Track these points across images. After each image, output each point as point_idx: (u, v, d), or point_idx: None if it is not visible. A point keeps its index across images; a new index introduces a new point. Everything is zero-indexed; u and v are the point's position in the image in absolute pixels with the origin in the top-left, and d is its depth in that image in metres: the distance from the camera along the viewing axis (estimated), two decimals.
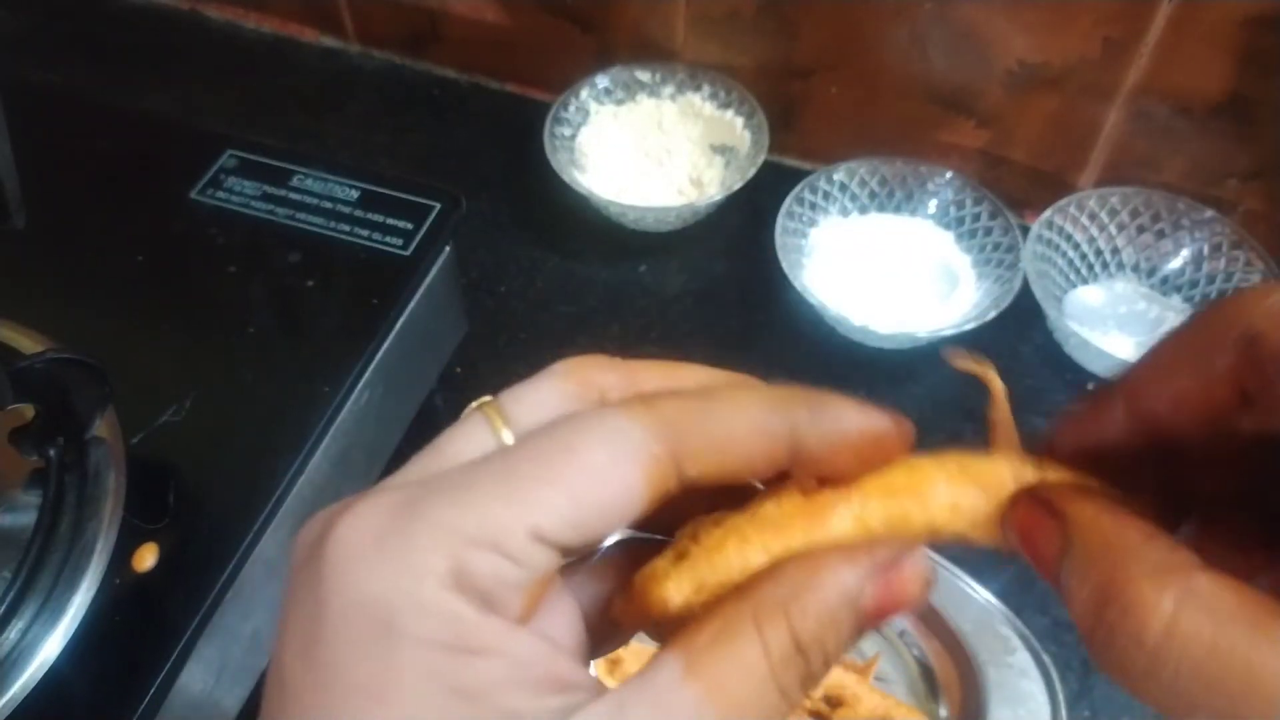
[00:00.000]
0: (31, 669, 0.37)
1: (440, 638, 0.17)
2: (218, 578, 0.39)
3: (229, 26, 0.83)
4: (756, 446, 0.20)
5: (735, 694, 0.18)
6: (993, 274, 0.60)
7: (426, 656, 0.17)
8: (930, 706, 0.46)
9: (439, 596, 0.17)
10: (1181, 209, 0.60)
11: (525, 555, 0.18)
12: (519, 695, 0.17)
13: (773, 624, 0.18)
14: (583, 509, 0.18)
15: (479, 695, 0.17)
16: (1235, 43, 0.55)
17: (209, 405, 0.44)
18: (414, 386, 0.54)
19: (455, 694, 0.17)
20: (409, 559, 0.17)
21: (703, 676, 0.18)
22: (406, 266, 0.50)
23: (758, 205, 0.65)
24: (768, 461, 0.20)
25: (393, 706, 0.17)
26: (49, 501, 0.39)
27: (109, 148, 0.56)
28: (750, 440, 0.19)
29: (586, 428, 0.19)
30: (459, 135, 0.74)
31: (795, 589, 0.19)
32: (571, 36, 0.71)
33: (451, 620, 0.17)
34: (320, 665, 0.17)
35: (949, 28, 0.60)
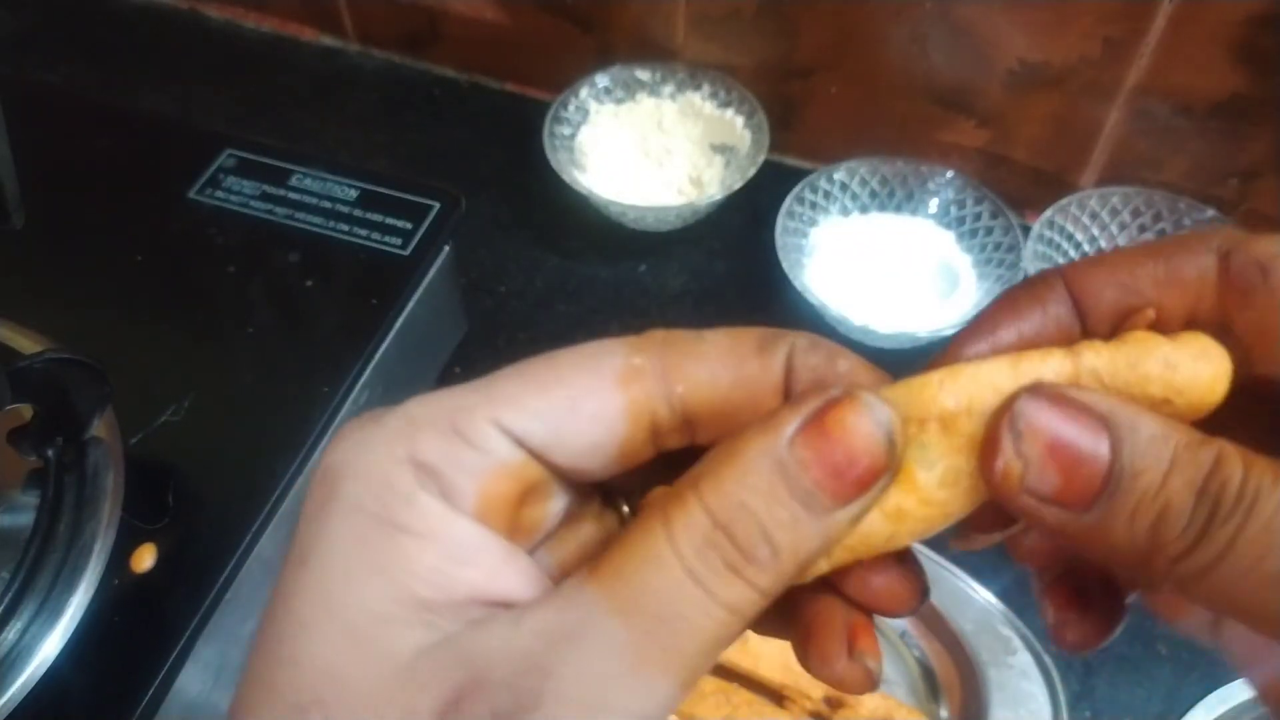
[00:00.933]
0: (30, 669, 0.37)
1: (371, 507, 0.16)
2: (216, 578, 0.39)
3: (228, 26, 0.83)
4: (748, 369, 0.18)
5: (635, 584, 0.16)
6: (993, 274, 0.60)
7: (354, 522, 0.16)
8: (931, 707, 0.46)
9: (383, 467, 0.17)
10: (1182, 208, 0.60)
11: (480, 438, 0.17)
12: (435, 589, 0.16)
13: (679, 506, 0.16)
14: (551, 406, 0.17)
15: (393, 574, 0.16)
16: (1235, 43, 0.55)
17: (208, 405, 0.44)
18: (413, 386, 0.54)
19: (370, 565, 0.16)
20: (371, 437, 0.17)
21: (601, 575, 0.16)
22: (406, 266, 0.50)
23: (758, 205, 0.65)
24: (765, 387, 0.18)
25: (311, 569, 0.16)
26: (48, 502, 0.39)
27: (108, 147, 0.56)
28: (743, 361, 0.18)
29: (578, 347, 0.19)
30: (459, 135, 0.74)
31: (708, 466, 0.17)
32: (571, 36, 0.71)
33: (385, 490, 0.16)
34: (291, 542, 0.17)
35: (949, 27, 0.60)
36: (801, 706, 0.45)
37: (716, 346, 0.19)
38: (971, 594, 0.47)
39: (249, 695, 0.17)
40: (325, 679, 0.16)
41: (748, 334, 0.19)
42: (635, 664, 0.16)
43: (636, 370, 0.18)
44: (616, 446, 0.18)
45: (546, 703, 0.15)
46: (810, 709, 0.45)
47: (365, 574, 0.16)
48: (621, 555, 0.16)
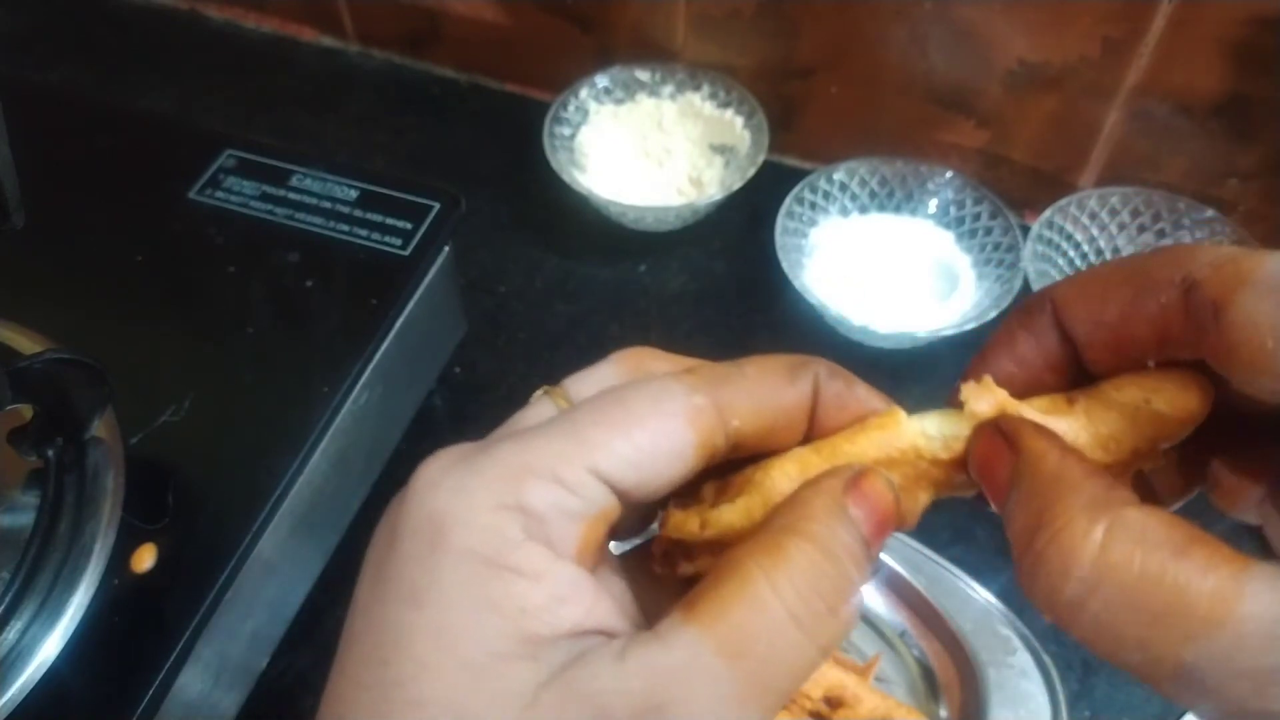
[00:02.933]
0: (30, 670, 0.37)
1: (483, 551, 0.18)
2: (217, 578, 0.39)
3: (228, 26, 0.83)
4: (786, 398, 0.21)
5: (739, 626, 0.18)
6: (993, 274, 0.60)
7: (467, 567, 0.18)
8: (930, 707, 0.46)
9: (490, 516, 0.18)
10: (1182, 209, 0.60)
11: (582, 487, 0.19)
12: (543, 624, 0.18)
13: (777, 553, 0.19)
14: (637, 450, 0.19)
15: (507, 611, 0.18)
16: (1235, 43, 0.55)
17: (208, 405, 0.44)
18: (413, 386, 0.54)
19: (485, 604, 0.18)
20: (470, 483, 0.19)
21: (701, 616, 0.18)
22: (405, 266, 0.50)
23: (758, 205, 0.65)
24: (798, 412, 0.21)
25: (426, 609, 0.18)
26: (48, 502, 0.39)
27: (108, 147, 0.56)
28: (779, 391, 0.21)
29: (637, 386, 0.20)
30: (458, 135, 0.74)
31: (789, 520, 0.19)
32: (571, 36, 0.71)
33: (496, 536, 0.18)
34: (381, 580, 0.19)
35: (949, 28, 0.60)
36: (801, 706, 0.45)
37: (754, 379, 0.21)
38: (971, 594, 0.47)
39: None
40: (454, 716, 0.17)
41: (777, 362, 0.22)
42: (741, 702, 0.17)
43: (699, 409, 0.20)
44: (683, 477, 0.20)
45: None
46: (810, 709, 0.45)
47: (481, 613, 0.18)
48: (720, 596, 0.18)
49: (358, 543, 0.52)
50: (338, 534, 0.49)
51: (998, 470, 0.20)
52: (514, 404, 0.22)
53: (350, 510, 0.50)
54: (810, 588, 0.18)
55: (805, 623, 0.18)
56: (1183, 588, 0.16)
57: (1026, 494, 0.19)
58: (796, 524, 0.19)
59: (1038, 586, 0.18)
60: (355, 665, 0.19)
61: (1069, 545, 0.18)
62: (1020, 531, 0.19)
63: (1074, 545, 0.18)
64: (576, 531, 0.19)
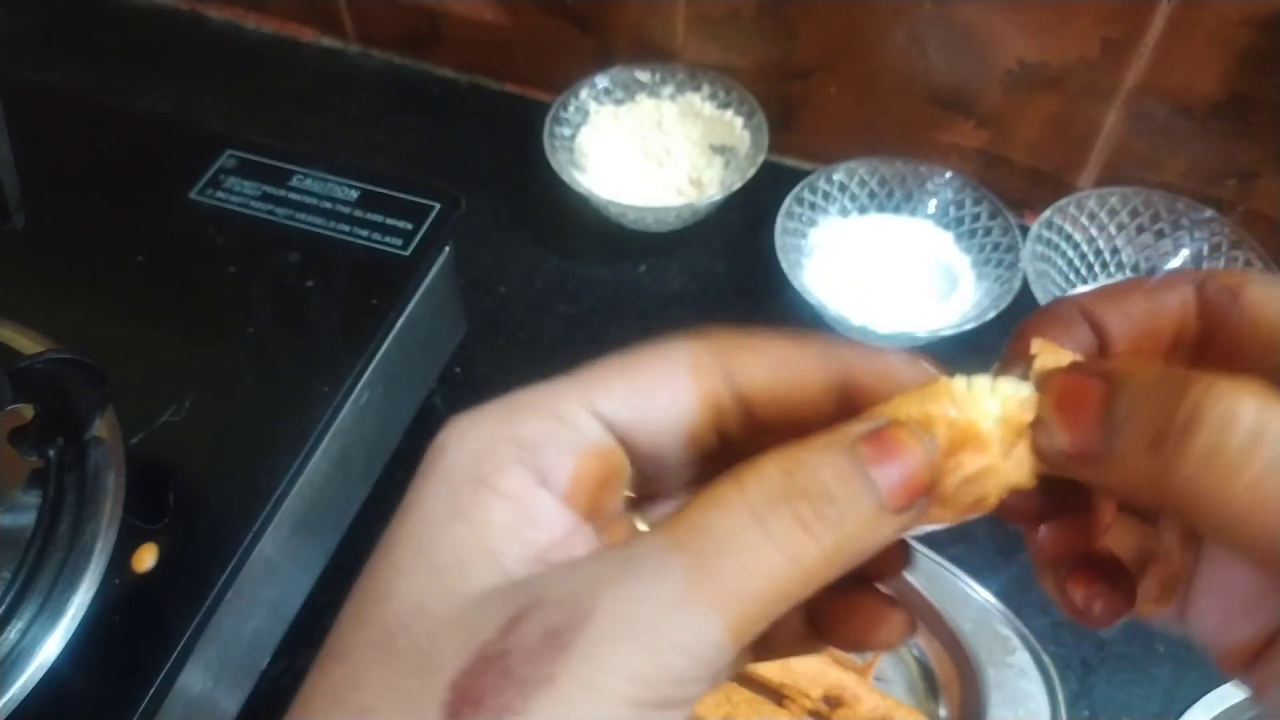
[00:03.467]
0: (31, 670, 0.37)
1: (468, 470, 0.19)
2: (217, 578, 0.39)
3: (229, 26, 0.83)
4: (801, 364, 0.21)
5: (696, 522, 0.17)
6: (992, 274, 0.60)
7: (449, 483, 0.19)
8: (930, 706, 0.46)
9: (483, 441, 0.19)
10: (1181, 209, 0.60)
11: (575, 420, 0.19)
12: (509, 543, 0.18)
13: (751, 467, 0.18)
14: (634, 390, 0.20)
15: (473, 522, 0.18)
16: (1235, 43, 0.55)
17: (208, 405, 0.44)
18: (413, 386, 0.54)
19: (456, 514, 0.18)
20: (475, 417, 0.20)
21: (664, 523, 0.18)
22: (406, 266, 0.50)
23: (757, 205, 0.65)
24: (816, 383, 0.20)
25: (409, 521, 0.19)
26: (48, 502, 0.39)
27: (108, 148, 0.56)
28: (794, 356, 0.21)
29: (644, 347, 0.21)
30: (459, 135, 0.74)
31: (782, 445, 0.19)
32: (571, 36, 0.71)
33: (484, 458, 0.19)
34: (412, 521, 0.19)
35: (949, 28, 0.60)
36: (801, 706, 0.45)
37: (774, 347, 0.21)
38: (970, 593, 0.47)
39: (344, 630, 0.19)
40: (412, 610, 0.18)
41: (799, 335, 0.21)
42: (684, 592, 0.16)
43: (701, 359, 0.20)
44: (687, 431, 0.20)
45: (595, 620, 0.16)
46: (809, 708, 0.45)
47: (452, 521, 0.18)
48: (687, 505, 0.18)
49: (358, 543, 0.52)
50: (338, 534, 0.49)
51: (1088, 399, 0.19)
52: None
53: (351, 510, 0.50)
54: (779, 493, 0.17)
55: (769, 525, 0.17)
56: None
57: (1146, 388, 0.18)
58: (786, 449, 0.18)
59: (1193, 453, 0.17)
60: (354, 583, 0.19)
61: (1229, 399, 0.17)
62: (1149, 418, 0.18)
63: (1233, 399, 0.17)
64: (569, 465, 0.19)
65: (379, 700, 0.17)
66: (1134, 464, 0.18)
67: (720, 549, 0.17)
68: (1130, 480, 0.18)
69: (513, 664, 0.16)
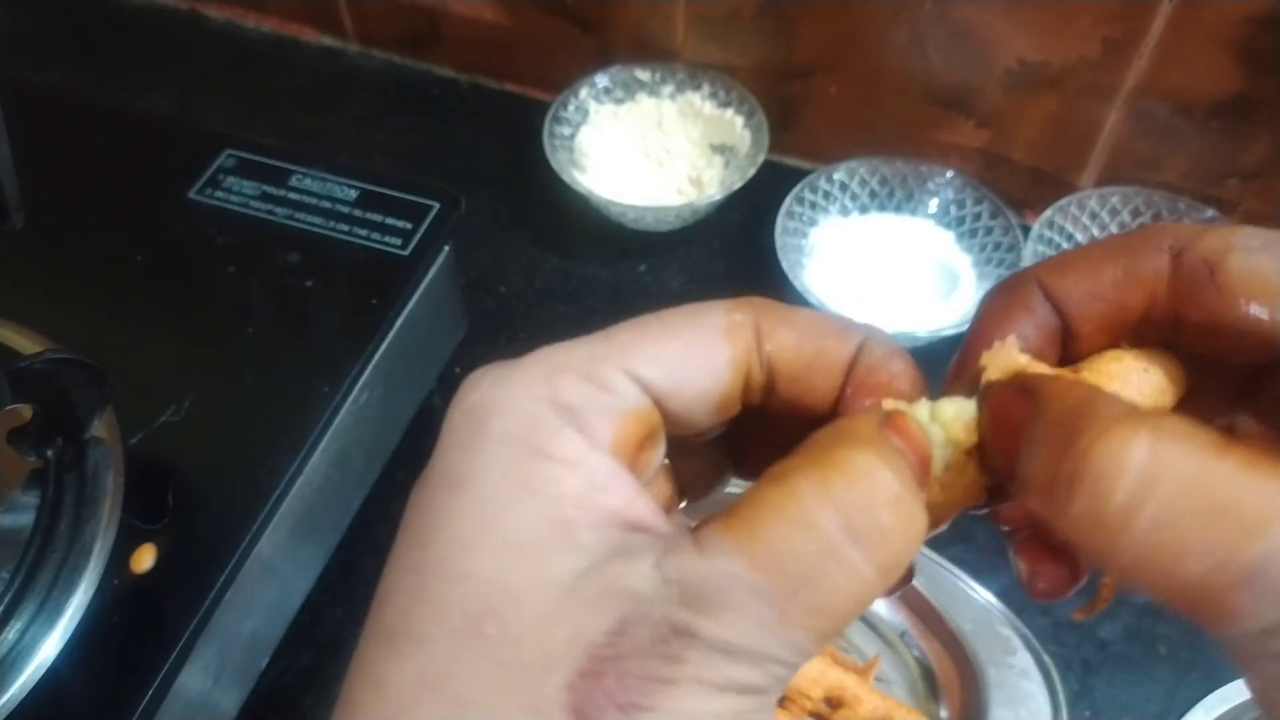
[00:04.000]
0: (30, 670, 0.37)
1: (521, 436, 0.18)
2: (216, 578, 0.39)
3: (229, 26, 0.83)
4: (827, 342, 0.21)
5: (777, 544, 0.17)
6: (993, 274, 0.60)
7: (506, 451, 0.18)
8: (930, 707, 0.46)
9: (528, 405, 0.19)
10: (1182, 209, 0.60)
11: (614, 384, 0.19)
12: (581, 510, 0.18)
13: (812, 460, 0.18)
14: (668, 353, 0.20)
15: (545, 496, 0.18)
16: (1235, 43, 0.55)
17: (208, 405, 0.44)
18: (413, 386, 0.54)
19: (523, 488, 0.18)
20: (510, 376, 0.20)
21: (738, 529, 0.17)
22: (405, 266, 0.50)
23: (758, 205, 0.65)
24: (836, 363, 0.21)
25: (466, 492, 0.18)
26: (47, 502, 0.39)
27: (108, 148, 0.56)
28: (822, 333, 0.21)
29: (676, 308, 0.21)
30: (458, 135, 0.74)
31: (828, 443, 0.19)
32: (571, 36, 0.71)
33: (534, 422, 0.18)
34: (427, 473, 0.19)
35: (949, 28, 0.60)
36: (801, 706, 0.45)
37: (805, 319, 0.21)
38: (971, 594, 0.47)
39: (410, 609, 0.18)
40: (497, 592, 0.17)
41: (832, 316, 0.22)
42: (781, 621, 0.17)
43: (737, 324, 0.20)
44: (719, 395, 0.20)
45: (700, 642, 0.17)
46: (810, 709, 0.45)
47: (521, 496, 0.18)
48: (757, 511, 0.17)
49: (358, 543, 0.52)
50: (338, 534, 0.49)
51: (1012, 419, 0.19)
52: None
53: (350, 510, 0.50)
54: (862, 500, 0.17)
55: (844, 556, 0.17)
56: (1240, 483, 0.16)
57: (1051, 423, 0.18)
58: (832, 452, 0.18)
59: (1074, 508, 0.16)
60: (398, 553, 0.19)
61: (1113, 451, 0.16)
62: (1046, 460, 0.17)
63: (1119, 450, 0.16)
64: (610, 426, 0.19)
65: (484, 694, 0.17)
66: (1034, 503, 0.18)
67: (803, 576, 0.17)
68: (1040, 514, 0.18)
69: (628, 673, 0.16)
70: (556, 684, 0.16)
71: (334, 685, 0.55)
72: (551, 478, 0.18)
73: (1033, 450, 0.18)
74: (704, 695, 0.16)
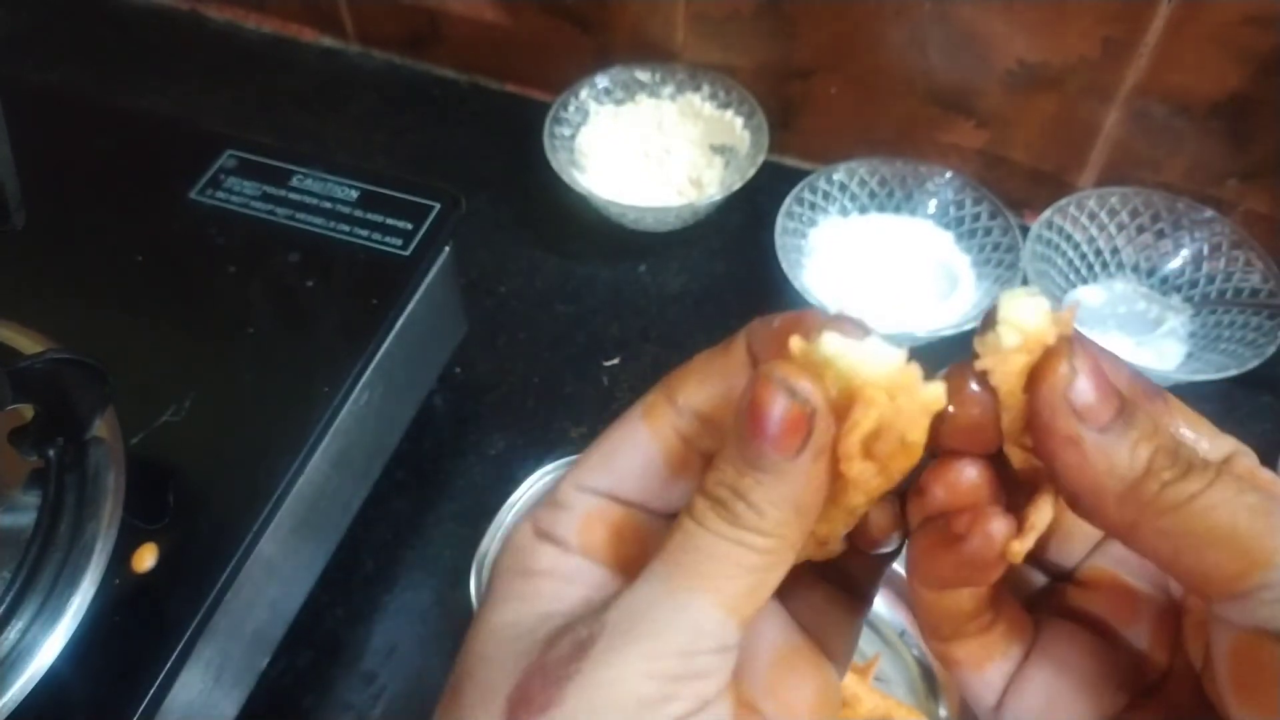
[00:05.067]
0: (31, 670, 0.37)
1: (514, 565, 0.23)
2: (217, 578, 0.39)
3: (229, 26, 0.83)
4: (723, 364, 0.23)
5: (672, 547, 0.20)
6: (992, 274, 0.60)
7: (505, 579, 0.23)
8: (930, 706, 0.46)
9: (518, 540, 0.23)
10: (1181, 209, 0.60)
11: (569, 501, 0.23)
12: (558, 601, 0.22)
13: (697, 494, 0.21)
14: (602, 455, 0.23)
15: (527, 597, 0.22)
16: (1235, 43, 0.55)
17: (209, 405, 0.44)
18: (414, 386, 0.54)
19: (514, 598, 0.22)
20: (515, 528, 0.24)
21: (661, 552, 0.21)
22: (406, 266, 0.50)
23: (758, 205, 0.65)
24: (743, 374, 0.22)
25: (482, 617, 0.22)
26: (48, 502, 0.39)
27: (109, 148, 0.56)
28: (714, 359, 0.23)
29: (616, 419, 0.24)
30: (459, 135, 0.74)
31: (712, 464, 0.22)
32: (571, 36, 0.71)
33: (521, 551, 0.23)
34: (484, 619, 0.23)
35: (949, 28, 0.60)
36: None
37: (696, 358, 0.23)
38: None
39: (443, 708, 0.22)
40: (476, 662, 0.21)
41: (731, 342, 0.23)
42: (671, 588, 0.20)
43: (650, 403, 0.23)
44: (660, 461, 0.23)
45: (608, 623, 0.20)
46: None
47: (511, 603, 0.22)
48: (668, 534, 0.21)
49: (358, 543, 0.52)
50: (338, 534, 0.49)
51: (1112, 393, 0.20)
52: (514, 404, 0.23)
53: (351, 510, 0.50)
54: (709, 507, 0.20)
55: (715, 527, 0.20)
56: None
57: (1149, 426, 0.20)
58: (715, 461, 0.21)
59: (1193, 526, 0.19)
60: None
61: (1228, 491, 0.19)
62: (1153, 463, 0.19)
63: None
64: (574, 534, 0.23)
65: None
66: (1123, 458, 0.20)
67: (687, 552, 0.20)
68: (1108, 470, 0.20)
69: (549, 669, 0.19)
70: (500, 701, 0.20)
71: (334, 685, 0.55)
72: (531, 586, 0.22)
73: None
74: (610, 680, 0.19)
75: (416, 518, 0.54)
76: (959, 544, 0.21)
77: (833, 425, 0.20)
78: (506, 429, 0.57)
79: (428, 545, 0.53)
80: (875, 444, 0.20)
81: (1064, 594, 0.25)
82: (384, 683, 0.49)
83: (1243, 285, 0.58)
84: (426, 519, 0.54)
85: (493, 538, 0.50)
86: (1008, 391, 0.20)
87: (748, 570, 0.20)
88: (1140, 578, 0.24)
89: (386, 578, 0.53)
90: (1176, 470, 0.19)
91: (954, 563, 0.21)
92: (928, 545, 0.22)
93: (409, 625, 0.51)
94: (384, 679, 0.49)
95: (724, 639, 0.20)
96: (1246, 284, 0.58)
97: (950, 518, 0.21)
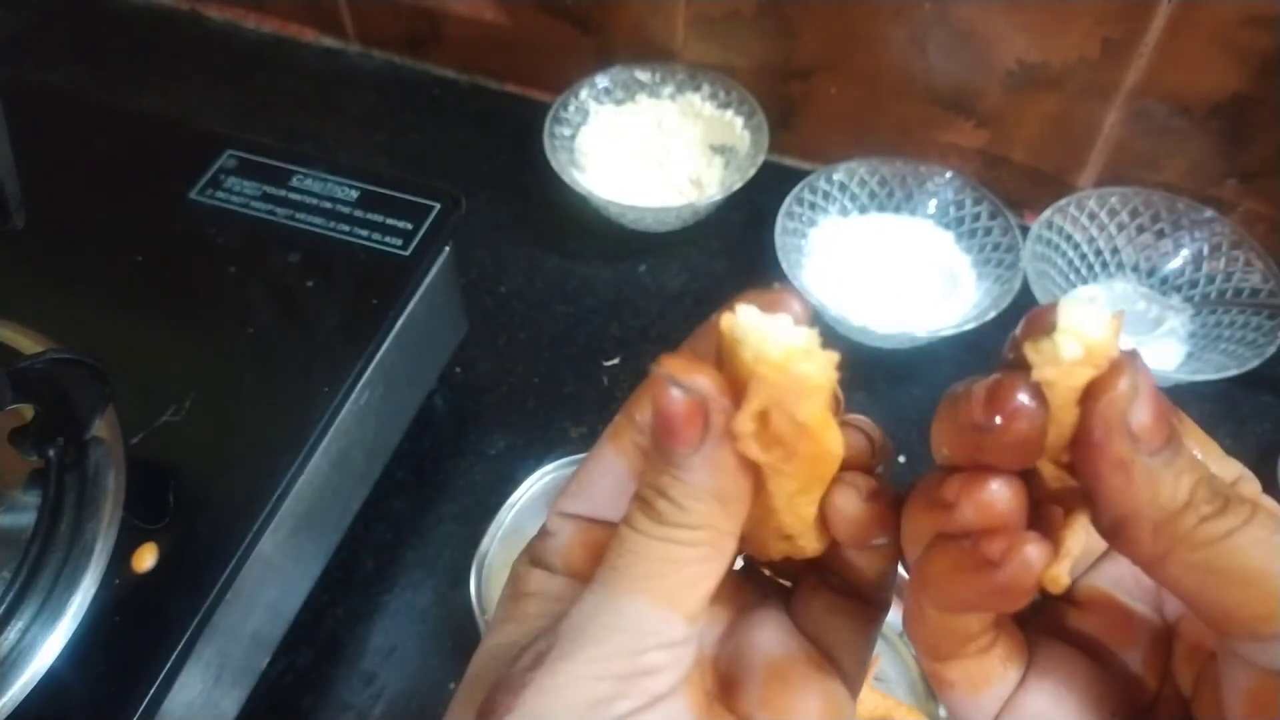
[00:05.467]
0: (31, 670, 0.37)
1: (509, 592, 0.24)
2: (217, 578, 0.39)
3: (229, 26, 0.83)
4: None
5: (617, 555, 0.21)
6: (992, 274, 0.60)
7: (503, 604, 0.24)
8: (930, 706, 0.46)
9: (517, 569, 0.25)
10: (1181, 209, 0.60)
11: (555, 527, 0.25)
12: (545, 619, 0.23)
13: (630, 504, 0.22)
14: (578, 482, 0.25)
15: (519, 619, 0.23)
16: (1235, 43, 0.55)
17: (209, 405, 0.44)
18: (414, 386, 0.54)
19: (507, 620, 0.23)
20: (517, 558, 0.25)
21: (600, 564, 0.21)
22: (406, 266, 0.50)
23: (758, 205, 0.65)
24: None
25: (487, 636, 0.24)
26: (48, 502, 0.39)
27: (109, 148, 0.56)
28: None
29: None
30: (459, 135, 0.74)
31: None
32: (571, 36, 0.71)
33: (515, 579, 0.25)
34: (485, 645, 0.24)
35: (949, 28, 0.60)
36: None
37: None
38: None
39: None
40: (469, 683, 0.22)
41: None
42: (612, 593, 0.21)
43: (615, 425, 0.24)
44: (627, 477, 0.23)
45: (561, 638, 0.21)
46: None
47: (506, 627, 0.23)
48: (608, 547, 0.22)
49: (358, 543, 0.52)
50: (338, 534, 0.49)
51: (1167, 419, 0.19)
52: (514, 404, 0.23)
53: (351, 510, 0.50)
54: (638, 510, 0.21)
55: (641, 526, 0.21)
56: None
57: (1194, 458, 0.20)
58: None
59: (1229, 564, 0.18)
60: None
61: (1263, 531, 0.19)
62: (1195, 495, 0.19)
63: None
64: (559, 557, 0.24)
65: None
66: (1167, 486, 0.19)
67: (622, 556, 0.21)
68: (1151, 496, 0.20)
69: (512, 679, 0.21)
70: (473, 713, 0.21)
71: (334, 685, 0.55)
72: (521, 608, 0.23)
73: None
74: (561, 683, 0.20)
75: (416, 518, 0.54)
76: (990, 570, 0.19)
77: (730, 409, 0.20)
78: (506, 429, 0.57)
79: (428, 545, 0.53)
80: (770, 424, 0.19)
81: (1059, 614, 0.24)
82: (384, 683, 0.49)
83: (1243, 285, 0.58)
84: (426, 519, 0.54)
85: (493, 538, 0.50)
86: (1059, 406, 0.19)
87: (680, 564, 0.20)
88: (1136, 599, 0.23)
89: (386, 578, 0.53)
90: (1215, 505, 0.19)
91: (982, 589, 0.19)
92: (949, 567, 0.20)
93: (409, 625, 0.51)
94: (384, 679, 0.49)
95: (669, 635, 0.20)
96: (1246, 284, 0.58)
97: (980, 540, 0.19)
